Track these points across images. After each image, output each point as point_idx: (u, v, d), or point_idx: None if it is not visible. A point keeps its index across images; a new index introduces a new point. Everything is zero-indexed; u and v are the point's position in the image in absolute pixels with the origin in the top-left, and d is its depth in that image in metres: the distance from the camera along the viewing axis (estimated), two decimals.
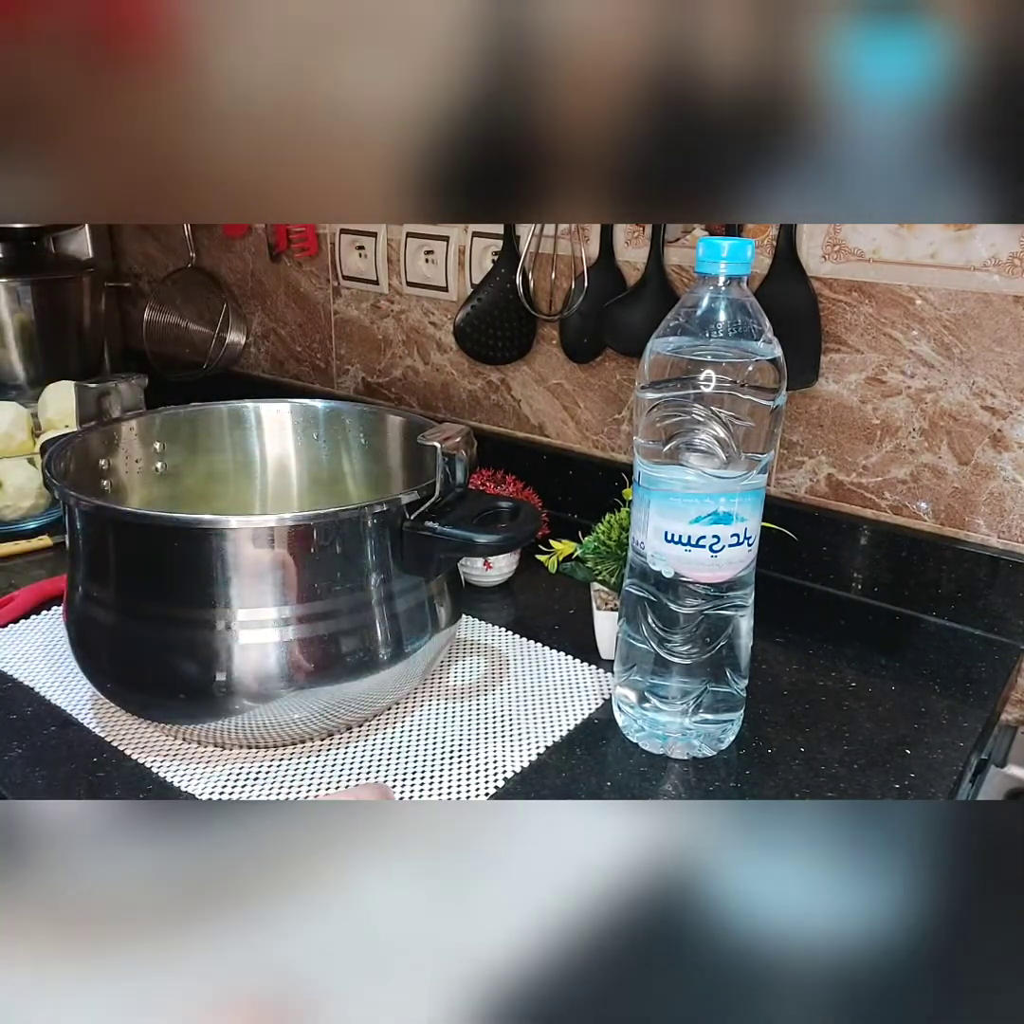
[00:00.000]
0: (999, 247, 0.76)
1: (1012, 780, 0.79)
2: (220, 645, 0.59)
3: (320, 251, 1.21)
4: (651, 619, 0.62)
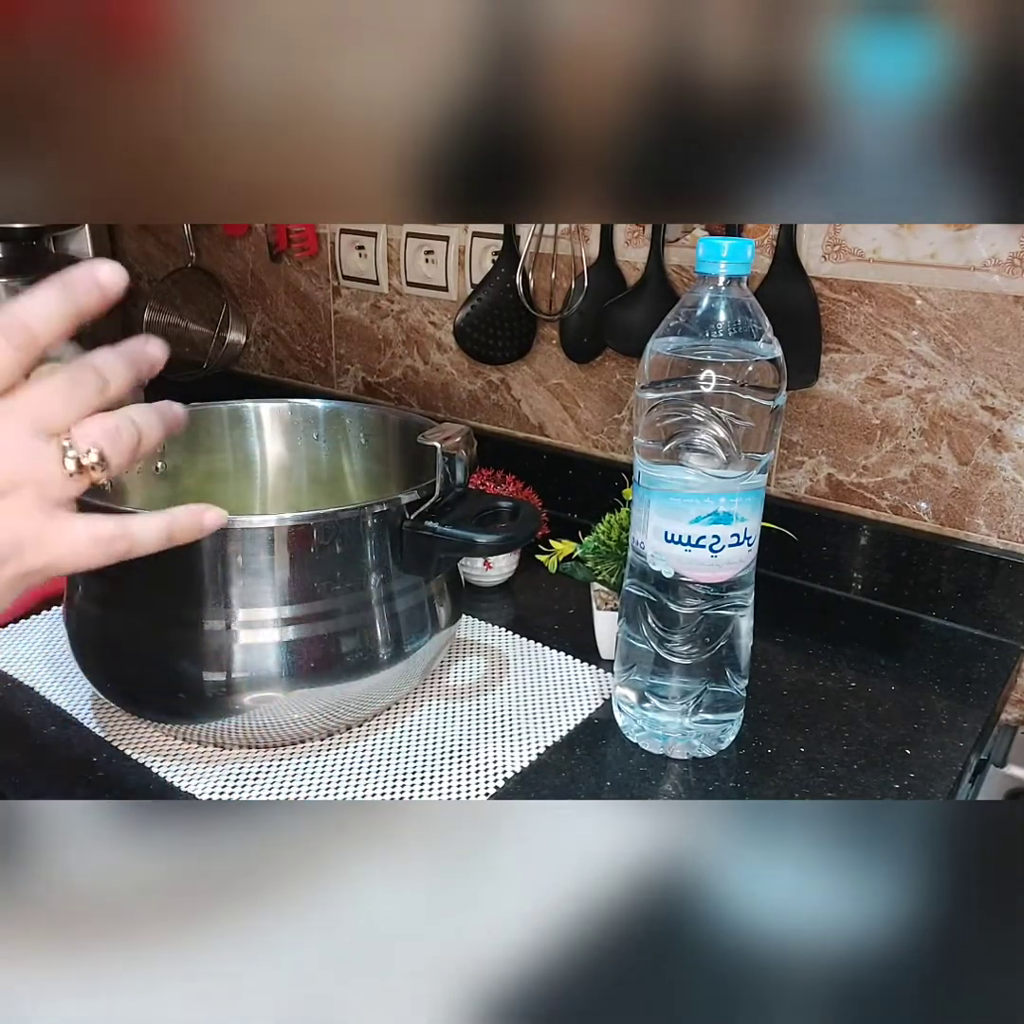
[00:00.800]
0: (999, 247, 0.76)
1: (1012, 780, 0.79)
2: (220, 645, 0.59)
3: (320, 251, 1.21)
4: (651, 619, 0.62)
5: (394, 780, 0.63)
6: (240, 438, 0.81)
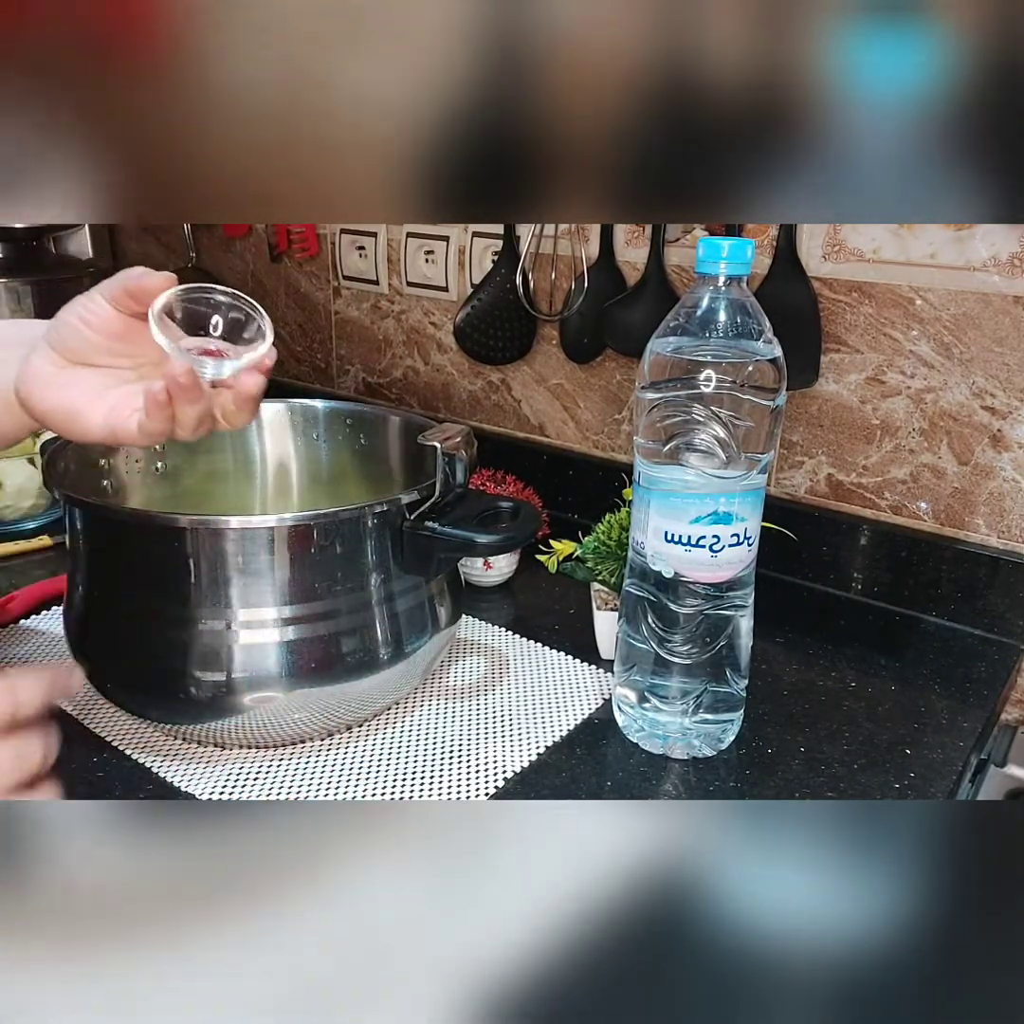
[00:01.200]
0: (999, 247, 0.76)
1: (1012, 780, 0.79)
2: (220, 645, 0.59)
3: (320, 251, 1.21)
4: (651, 619, 0.62)
5: (394, 780, 0.63)
6: (240, 438, 0.81)
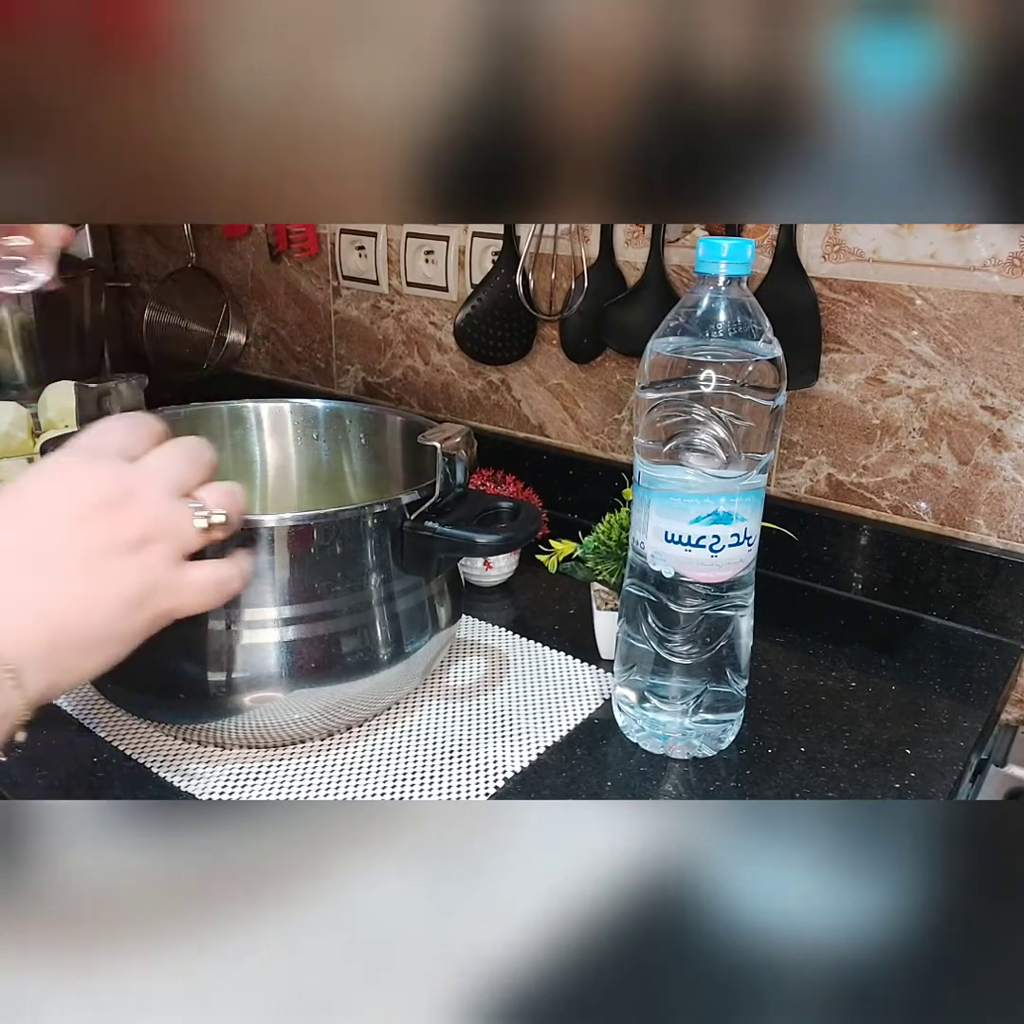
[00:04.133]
0: (999, 247, 0.76)
1: (1012, 780, 0.79)
2: (220, 645, 0.59)
3: (320, 251, 1.21)
4: (651, 619, 0.62)
5: (394, 780, 0.63)
6: (240, 438, 0.81)
